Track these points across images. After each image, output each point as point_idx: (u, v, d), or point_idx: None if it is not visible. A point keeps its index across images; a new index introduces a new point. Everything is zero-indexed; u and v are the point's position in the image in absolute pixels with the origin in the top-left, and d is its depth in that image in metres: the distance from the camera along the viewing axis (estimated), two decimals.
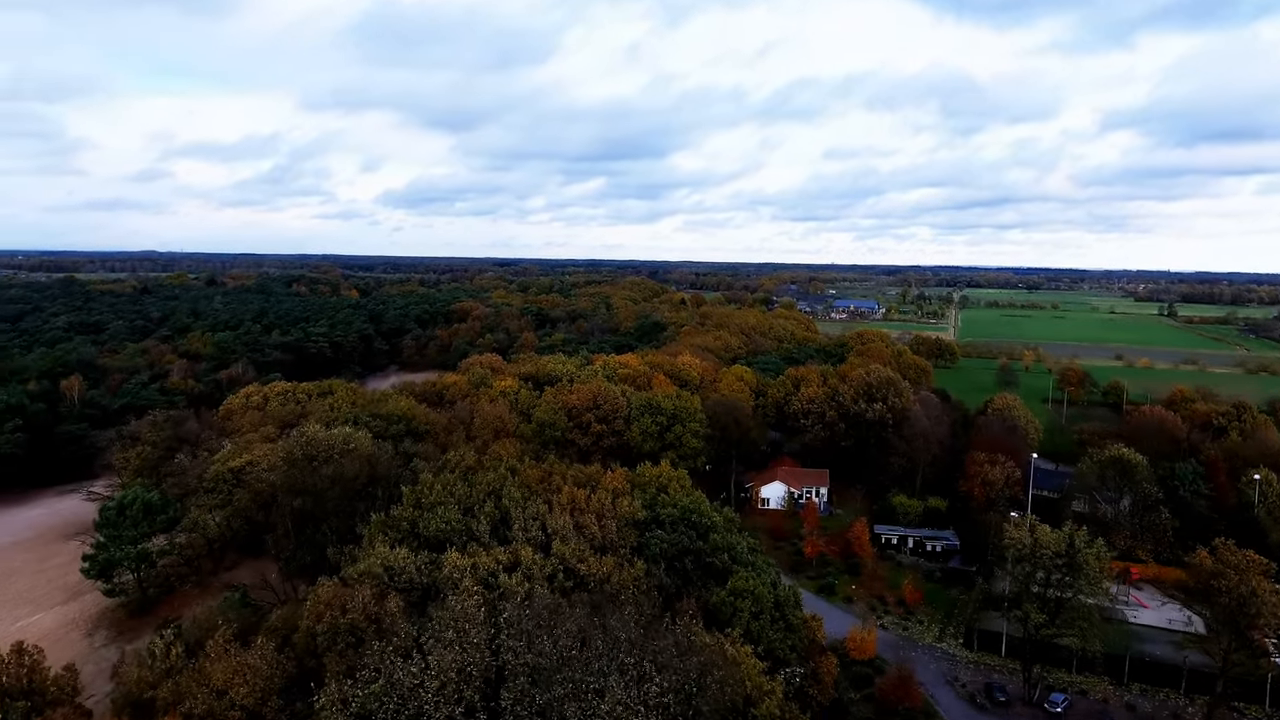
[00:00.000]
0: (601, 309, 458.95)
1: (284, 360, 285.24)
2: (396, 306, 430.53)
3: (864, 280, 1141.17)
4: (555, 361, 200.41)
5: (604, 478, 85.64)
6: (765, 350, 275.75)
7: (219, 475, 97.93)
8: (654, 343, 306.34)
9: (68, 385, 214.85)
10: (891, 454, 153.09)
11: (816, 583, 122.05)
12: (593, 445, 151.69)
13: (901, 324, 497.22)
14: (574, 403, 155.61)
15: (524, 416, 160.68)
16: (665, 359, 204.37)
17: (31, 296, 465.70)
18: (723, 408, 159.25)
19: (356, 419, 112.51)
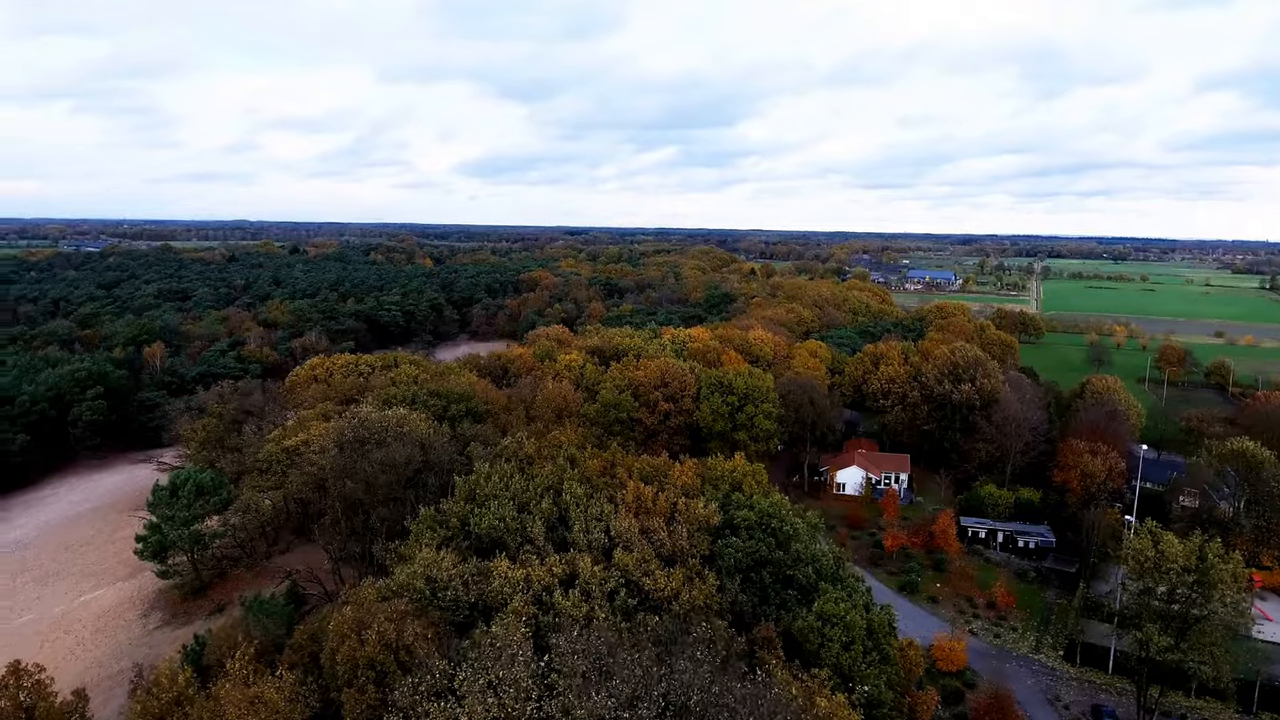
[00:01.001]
0: (670, 279, 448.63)
1: (357, 329, 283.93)
2: (468, 275, 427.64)
3: (938, 250, 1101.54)
4: (622, 335, 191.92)
5: (672, 471, 76.91)
6: (839, 324, 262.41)
7: (272, 455, 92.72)
8: (723, 314, 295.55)
9: (150, 352, 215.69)
10: (979, 439, 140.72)
11: (898, 579, 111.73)
12: (659, 424, 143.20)
13: (980, 296, 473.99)
14: (641, 380, 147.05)
15: (589, 393, 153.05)
16: (736, 333, 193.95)
17: (129, 264, 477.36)
18: (797, 388, 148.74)
19: (414, 398, 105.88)
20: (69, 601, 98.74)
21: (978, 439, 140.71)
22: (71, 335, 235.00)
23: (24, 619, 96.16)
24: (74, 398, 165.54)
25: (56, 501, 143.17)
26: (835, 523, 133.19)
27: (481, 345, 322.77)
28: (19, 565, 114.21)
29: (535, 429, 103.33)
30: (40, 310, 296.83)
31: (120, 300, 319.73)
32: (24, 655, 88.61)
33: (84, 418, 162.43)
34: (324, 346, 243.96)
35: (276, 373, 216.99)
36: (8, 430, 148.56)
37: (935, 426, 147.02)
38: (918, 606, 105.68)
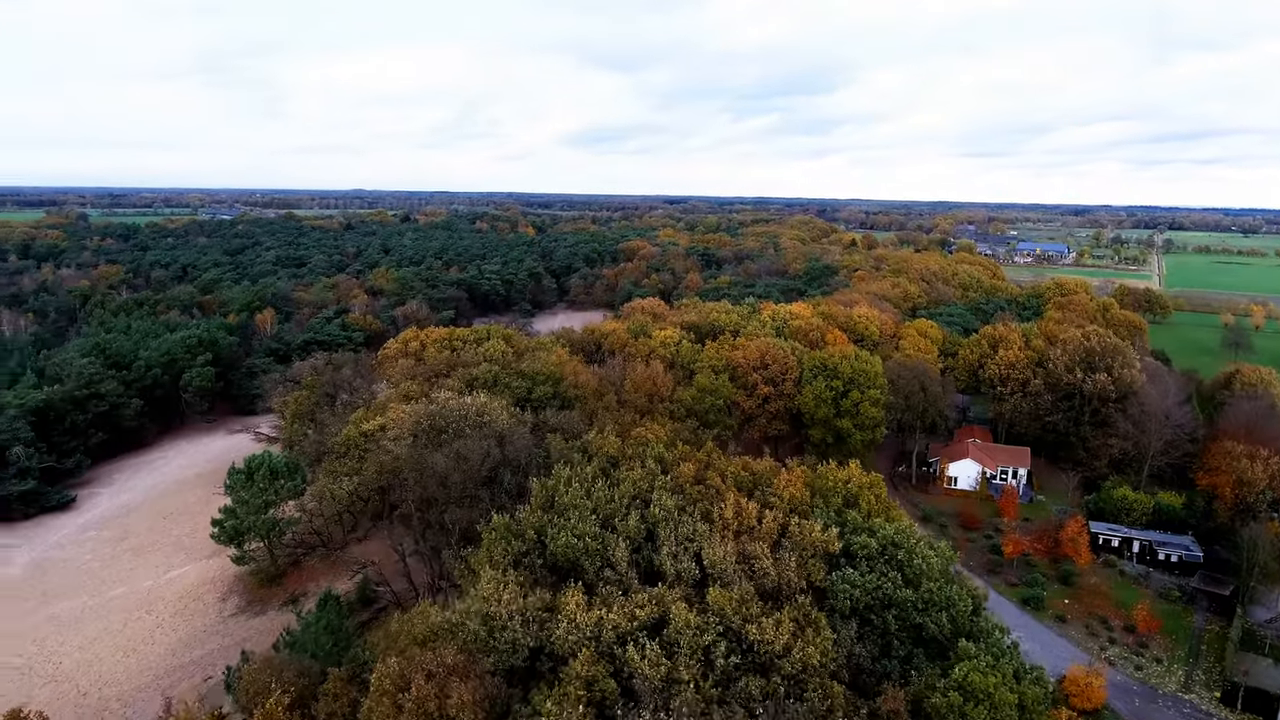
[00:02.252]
0: (769, 249, 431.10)
1: (457, 297, 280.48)
2: (567, 244, 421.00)
3: (1048, 220, 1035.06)
4: (720, 310, 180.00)
5: (777, 479, 65.83)
6: (948, 300, 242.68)
7: (350, 439, 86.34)
8: (824, 288, 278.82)
9: (262, 319, 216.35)
10: (1111, 435, 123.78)
11: (1019, 592, 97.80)
12: (758, 408, 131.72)
13: (1096, 270, 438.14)
14: (739, 361, 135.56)
15: (684, 372, 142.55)
16: (839, 309, 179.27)
17: (254, 232, 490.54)
18: (908, 373, 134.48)
19: (497, 379, 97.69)
20: (157, 576, 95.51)
21: (1110, 434, 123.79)
22: (192, 301, 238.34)
23: (116, 592, 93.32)
24: (185, 363, 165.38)
25: (165, 465, 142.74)
26: (947, 521, 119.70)
27: (578, 315, 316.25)
28: (123, 531, 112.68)
29: (623, 419, 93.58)
30: (170, 275, 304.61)
31: (241, 267, 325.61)
32: (109, 633, 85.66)
33: (193, 383, 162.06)
34: (424, 315, 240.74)
35: (378, 341, 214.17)
36: (123, 394, 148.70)
37: (1061, 418, 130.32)
38: (1043, 625, 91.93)
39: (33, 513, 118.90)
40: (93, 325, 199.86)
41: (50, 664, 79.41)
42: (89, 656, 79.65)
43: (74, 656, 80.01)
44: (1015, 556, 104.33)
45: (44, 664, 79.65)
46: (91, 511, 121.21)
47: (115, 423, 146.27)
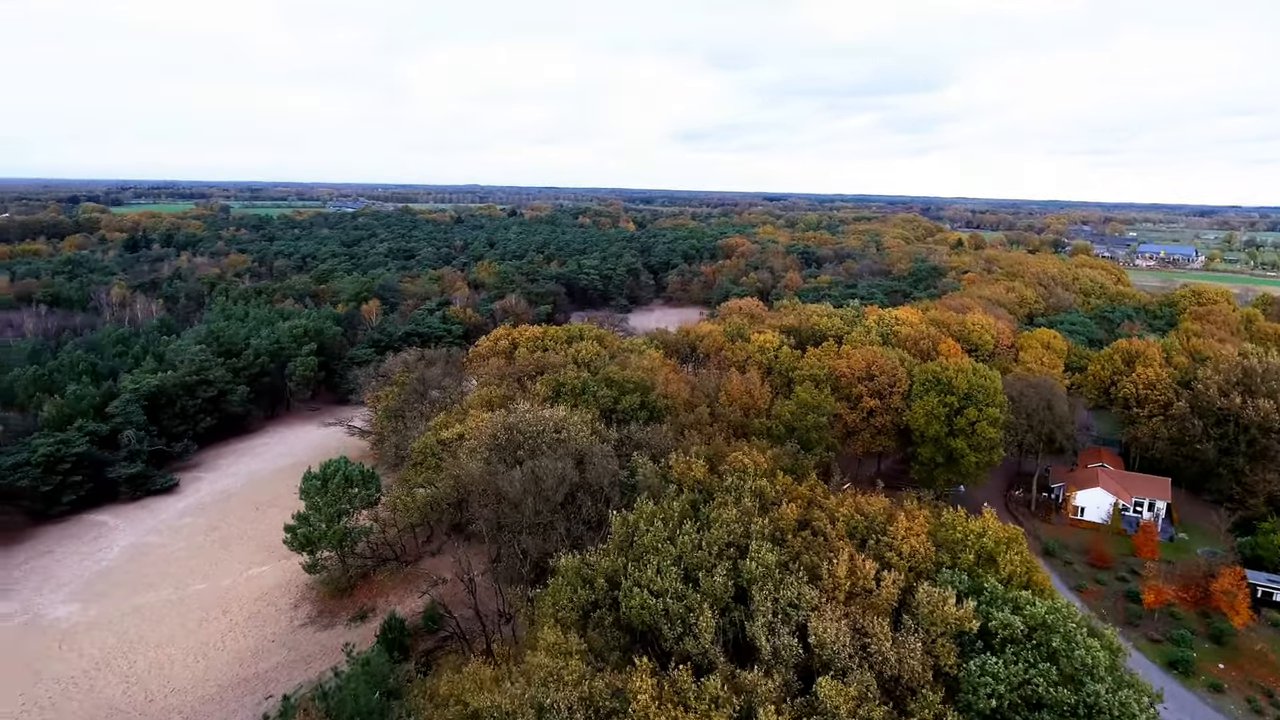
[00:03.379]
0: (871, 248, 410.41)
1: (555, 292, 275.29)
2: (665, 240, 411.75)
3: (1169, 221, 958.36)
4: (821, 314, 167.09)
5: (895, 524, 54.46)
6: (1067, 306, 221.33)
7: (427, 447, 79.79)
8: (931, 290, 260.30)
9: (368, 309, 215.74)
10: (1271, 469, 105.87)
11: (1164, 651, 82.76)
12: (862, 422, 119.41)
13: (1230, 276, 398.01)
14: (843, 370, 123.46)
15: (782, 379, 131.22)
16: (951, 316, 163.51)
17: (371, 224, 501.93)
18: (1032, 390, 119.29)
19: (584, 387, 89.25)
20: (238, 574, 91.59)
21: (1270, 468, 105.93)
22: (307, 290, 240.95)
23: (198, 587, 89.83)
24: (292, 352, 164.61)
25: (266, 452, 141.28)
26: (1072, 557, 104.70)
27: (674, 311, 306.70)
28: (217, 519, 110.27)
29: (715, 436, 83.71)
30: (291, 265, 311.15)
31: (356, 258, 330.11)
32: (184, 631, 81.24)
33: (297, 372, 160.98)
34: (522, 309, 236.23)
35: (476, 334, 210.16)
36: (231, 381, 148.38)
37: (1211, 447, 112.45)
38: (1195, 695, 77.13)
39: (139, 495, 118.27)
40: (215, 312, 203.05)
41: (125, 661, 75.83)
42: (162, 657, 75.64)
43: (148, 656, 76.19)
44: (1157, 607, 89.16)
45: (120, 660, 76.16)
46: (191, 497, 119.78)
47: (223, 408, 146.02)
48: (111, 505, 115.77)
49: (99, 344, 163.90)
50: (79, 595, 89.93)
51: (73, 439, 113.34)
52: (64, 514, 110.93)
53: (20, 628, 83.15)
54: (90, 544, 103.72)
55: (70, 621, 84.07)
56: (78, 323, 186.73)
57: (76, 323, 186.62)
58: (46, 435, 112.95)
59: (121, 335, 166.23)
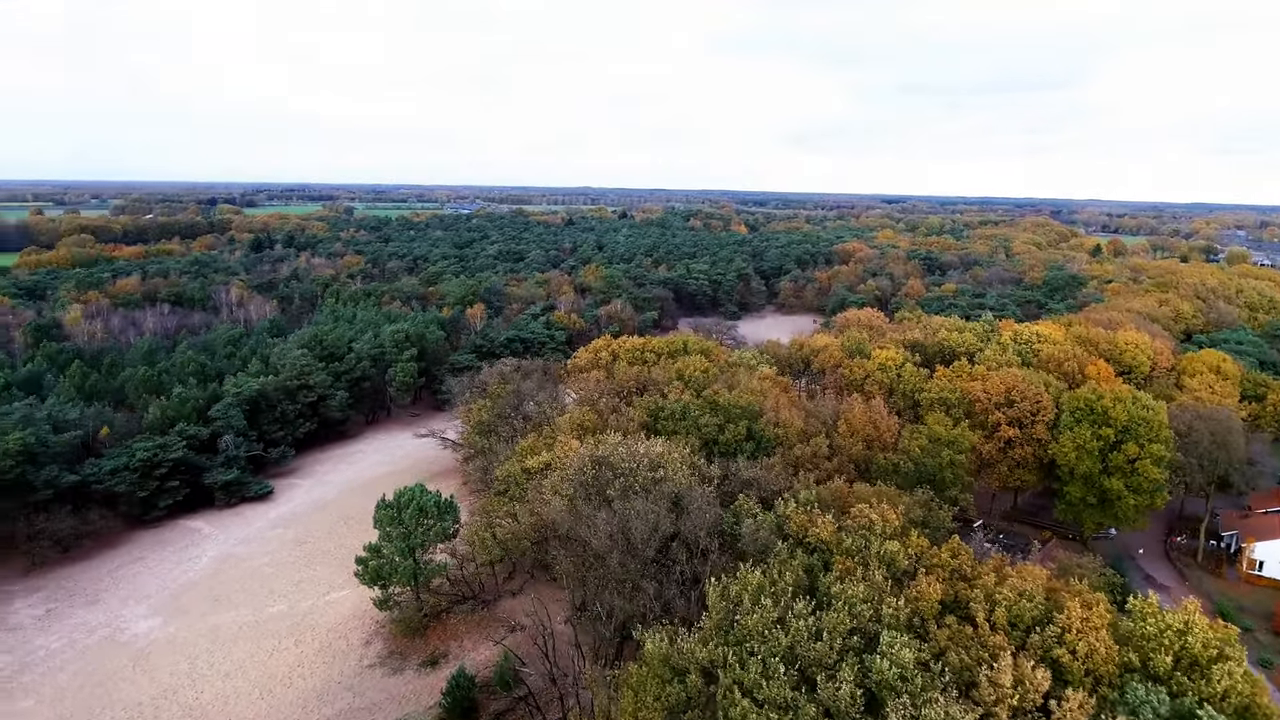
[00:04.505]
0: (1000, 254, 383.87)
1: (663, 297, 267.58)
2: (778, 245, 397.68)
3: None
4: (950, 328, 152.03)
5: (1066, 609, 42.68)
6: (1230, 323, 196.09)
7: (511, 476, 72.86)
8: (1069, 301, 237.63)
9: (472, 313, 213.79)
10: None
11: None
12: (998, 454, 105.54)
13: None
14: (977, 394, 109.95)
15: (905, 401, 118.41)
16: (1099, 333, 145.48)
17: (484, 226, 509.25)
18: (1202, 423, 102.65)
19: (685, 411, 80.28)
20: (317, 597, 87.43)
21: None
22: (415, 292, 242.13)
23: (275, 609, 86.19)
24: (393, 357, 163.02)
25: (362, 459, 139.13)
26: (1252, 621, 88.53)
27: (786, 319, 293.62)
28: (305, 532, 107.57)
29: (833, 473, 73.01)
30: (404, 266, 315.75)
31: (466, 260, 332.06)
32: (254, 661, 76.72)
33: (397, 378, 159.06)
34: (627, 315, 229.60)
35: (579, 340, 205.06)
36: (331, 386, 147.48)
37: None
38: None
39: (233, 502, 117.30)
40: (324, 313, 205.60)
41: (192, 691, 72.14)
42: (228, 690, 71.52)
43: (215, 687, 72.27)
44: None
45: (187, 689, 72.58)
46: (285, 505, 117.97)
47: (322, 413, 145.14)
48: (207, 511, 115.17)
49: (211, 345, 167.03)
50: (161, 609, 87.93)
51: (171, 443, 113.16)
52: (161, 519, 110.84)
53: (100, 643, 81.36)
54: (181, 552, 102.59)
55: (148, 639, 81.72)
56: (195, 322, 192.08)
57: (194, 322, 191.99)
58: (146, 439, 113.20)
59: (232, 336, 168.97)
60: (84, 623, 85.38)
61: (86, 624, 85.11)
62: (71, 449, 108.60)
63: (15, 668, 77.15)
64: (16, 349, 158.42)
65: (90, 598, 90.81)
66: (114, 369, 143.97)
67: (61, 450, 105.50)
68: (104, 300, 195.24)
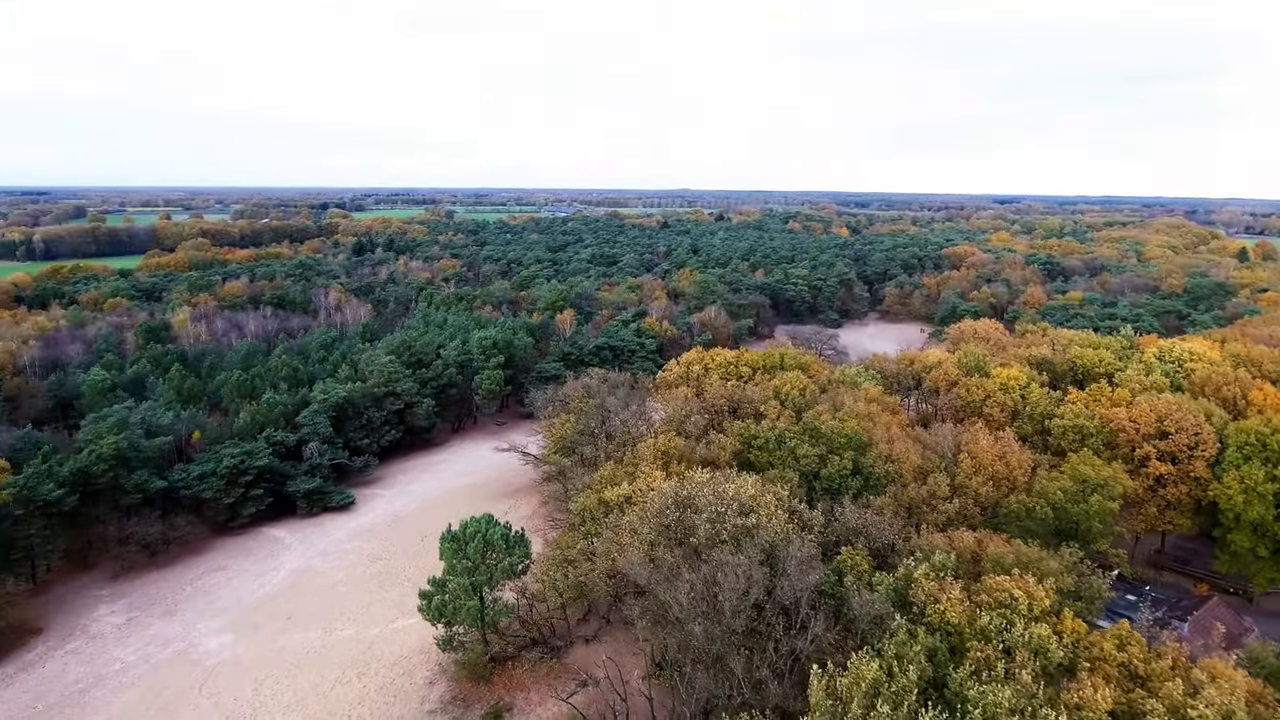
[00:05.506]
0: (1130, 259, 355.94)
1: (759, 303, 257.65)
2: (883, 248, 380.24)
3: None
4: (1083, 343, 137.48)
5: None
6: None
7: (586, 510, 66.43)
8: (1217, 313, 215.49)
9: (562, 319, 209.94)
10: None
11: None
12: (1147, 493, 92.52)
13: None
14: (1121, 423, 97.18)
15: (1032, 427, 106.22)
16: (1263, 352, 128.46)
17: (579, 229, 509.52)
18: None
19: (781, 439, 72.01)
20: (386, 623, 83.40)
21: None
22: (506, 297, 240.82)
23: (344, 633, 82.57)
24: (480, 364, 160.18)
25: (445, 470, 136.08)
26: None
27: (891, 327, 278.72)
28: (383, 547, 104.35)
29: (956, 521, 63.40)
30: (497, 270, 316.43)
31: (559, 264, 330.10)
32: (316, 693, 72.15)
33: (483, 386, 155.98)
34: (721, 323, 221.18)
35: (671, 349, 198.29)
36: (417, 393, 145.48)
37: None
38: None
39: (315, 511, 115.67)
40: (416, 318, 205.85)
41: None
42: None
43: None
44: None
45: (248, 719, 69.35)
46: (365, 516, 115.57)
47: (408, 421, 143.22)
48: (290, 519, 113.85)
49: (306, 348, 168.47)
50: (235, 624, 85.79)
51: (257, 450, 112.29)
52: (244, 526, 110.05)
53: (172, 658, 79.48)
54: (261, 562, 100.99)
55: (218, 658, 79.34)
56: (294, 325, 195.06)
57: (293, 325, 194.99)
58: (234, 445, 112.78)
59: (326, 340, 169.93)
60: (159, 635, 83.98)
61: (162, 636, 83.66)
62: (162, 453, 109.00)
63: (90, 680, 75.93)
64: (128, 350, 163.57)
65: (169, 608, 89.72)
66: (212, 372, 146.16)
67: (152, 455, 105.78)
68: (212, 303, 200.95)
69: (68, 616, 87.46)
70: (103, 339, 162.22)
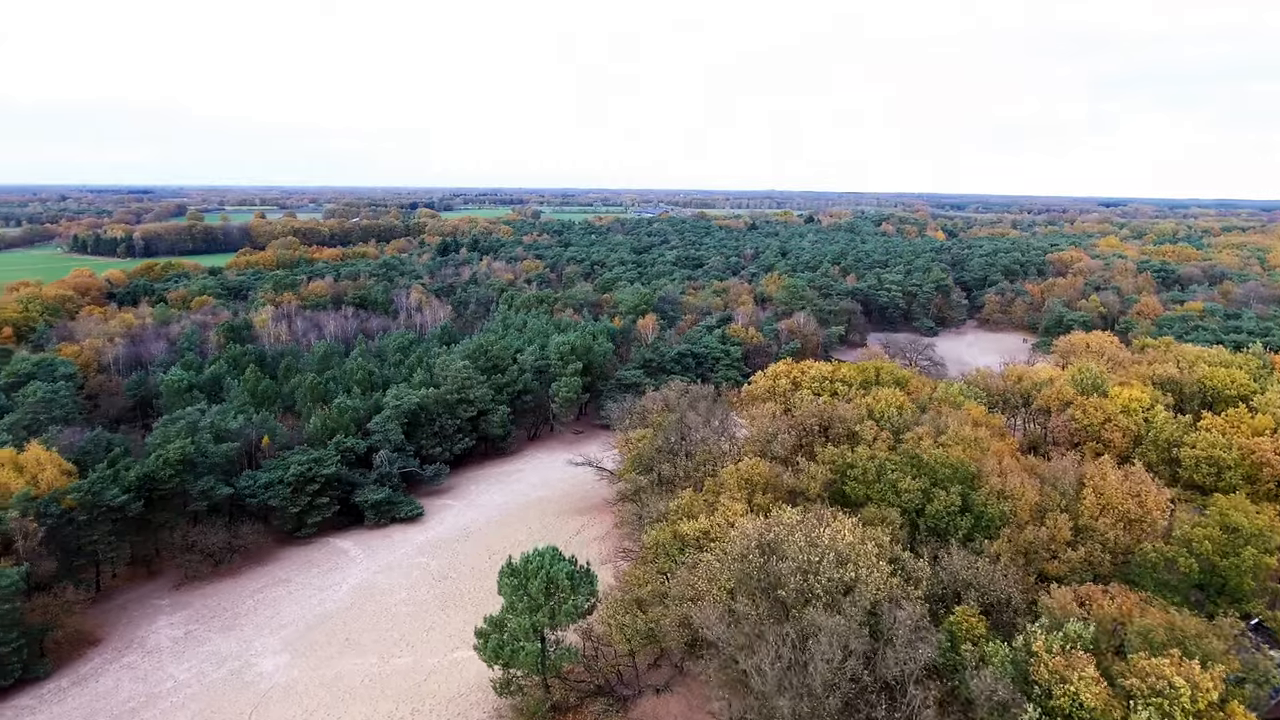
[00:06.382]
0: (1253, 266, 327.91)
1: (850, 310, 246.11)
2: (982, 253, 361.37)
3: None
4: (1211, 361, 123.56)
5: None
6: None
7: (660, 544, 59.76)
8: None
9: (644, 324, 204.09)
10: None
11: None
12: None
13: None
14: (1266, 454, 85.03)
15: (1160, 457, 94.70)
16: None
17: (665, 230, 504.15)
18: None
19: (881, 471, 63.87)
20: (444, 652, 78.82)
21: None
22: (588, 300, 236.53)
23: (400, 661, 78.45)
24: (557, 371, 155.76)
25: (518, 481, 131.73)
26: None
27: (990, 336, 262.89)
28: (448, 565, 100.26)
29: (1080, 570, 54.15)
30: (580, 272, 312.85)
31: (643, 266, 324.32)
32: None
33: (560, 394, 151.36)
34: (810, 330, 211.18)
35: (757, 356, 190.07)
36: (492, 400, 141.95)
37: None
38: None
39: (383, 523, 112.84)
40: (496, 320, 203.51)
41: None
42: None
43: None
44: None
45: None
46: (433, 529, 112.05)
47: (481, 428, 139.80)
48: (356, 530, 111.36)
49: (383, 350, 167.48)
50: (293, 643, 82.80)
51: (326, 458, 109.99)
52: (310, 536, 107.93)
53: (226, 678, 76.81)
54: (324, 575, 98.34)
55: (271, 681, 76.22)
56: (374, 326, 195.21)
57: (373, 326, 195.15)
58: (303, 452, 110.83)
59: (403, 343, 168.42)
60: (216, 651, 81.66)
61: (218, 653, 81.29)
62: (230, 459, 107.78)
63: (141, 699, 73.80)
64: (210, 349, 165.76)
65: (228, 622, 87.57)
66: (289, 373, 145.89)
67: (219, 460, 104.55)
68: (295, 302, 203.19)
69: (127, 627, 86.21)
70: (185, 338, 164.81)
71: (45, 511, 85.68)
